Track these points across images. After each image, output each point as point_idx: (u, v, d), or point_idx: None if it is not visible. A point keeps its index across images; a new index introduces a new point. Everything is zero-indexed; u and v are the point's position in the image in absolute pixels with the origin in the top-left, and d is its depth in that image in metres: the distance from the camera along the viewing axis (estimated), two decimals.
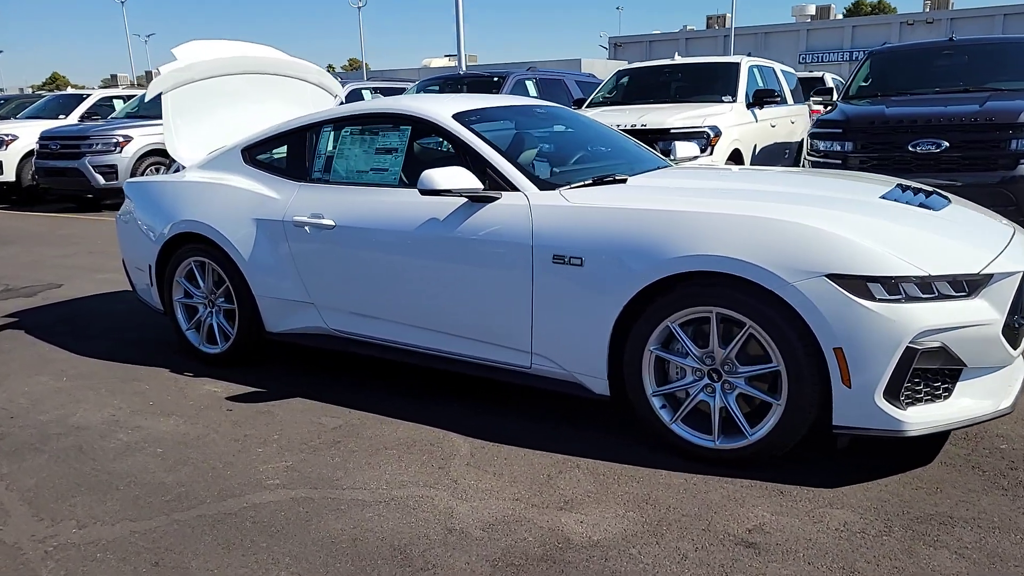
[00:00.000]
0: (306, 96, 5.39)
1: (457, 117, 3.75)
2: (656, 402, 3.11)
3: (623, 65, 11.68)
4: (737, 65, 9.04)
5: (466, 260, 3.43)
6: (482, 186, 3.40)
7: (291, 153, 4.21)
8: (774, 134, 9.16)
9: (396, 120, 3.87)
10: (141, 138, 11.63)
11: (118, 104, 14.36)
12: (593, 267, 3.13)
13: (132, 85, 56.11)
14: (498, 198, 3.41)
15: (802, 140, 9.43)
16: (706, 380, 3.02)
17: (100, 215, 11.43)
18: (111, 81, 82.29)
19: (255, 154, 4.37)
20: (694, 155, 5.23)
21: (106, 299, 6.17)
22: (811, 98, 8.79)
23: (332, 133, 4.07)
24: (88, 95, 14.85)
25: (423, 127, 3.80)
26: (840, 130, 6.59)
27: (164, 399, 4.01)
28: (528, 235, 3.27)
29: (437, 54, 76.97)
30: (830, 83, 13.65)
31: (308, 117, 4.20)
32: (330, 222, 3.84)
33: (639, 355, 3.08)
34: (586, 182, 3.53)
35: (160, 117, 4.90)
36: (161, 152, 11.34)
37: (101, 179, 11.44)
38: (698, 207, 3.03)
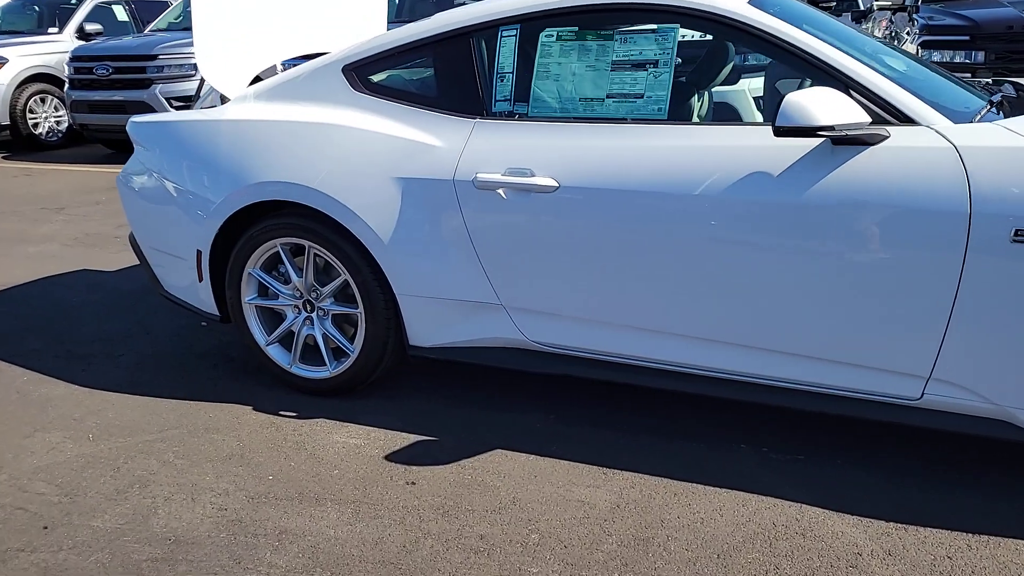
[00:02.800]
0: None
1: (757, 5, 2.40)
2: None
3: None
4: None
5: (823, 239, 2.16)
6: (868, 119, 2.11)
7: (446, 73, 2.73)
8: None
9: (651, 14, 2.46)
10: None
11: (118, 11, 10.65)
12: None
13: None
14: (886, 137, 2.14)
15: None
16: None
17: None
18: None
19: (371, 74, 2.85)
20: None
21: (60, 287, 4.44)
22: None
23: (520, 38, 2.62)
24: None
25: (702, 23, 2.42)
26: (967, 37, 5.57)
27: (286, 468, 2.56)
28: (961, 196, 2.03)
29: None
30: None
31: (472, 12, 2.71)
32: (548, 181, 2.45)
33: None
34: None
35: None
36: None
37: None
38: None
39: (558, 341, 2.64)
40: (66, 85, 8.79)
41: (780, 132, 2.08)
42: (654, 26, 2.43)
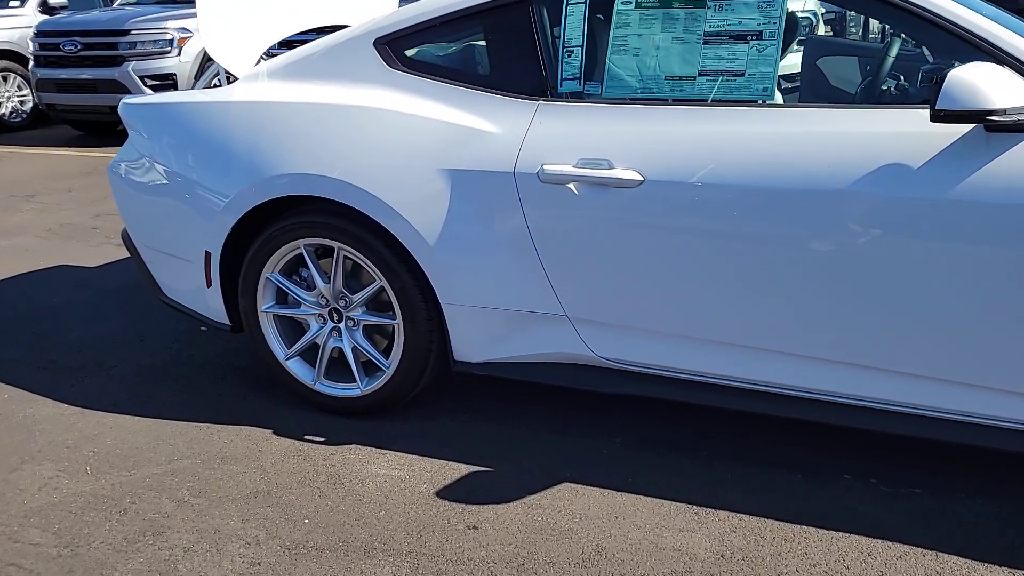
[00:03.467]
0: None
1: None
2: None
3: None
4: None
5: (979, 241, 1.84)
6: None
7: (500, 46, 2.35)
8: None
9: None
10: None
11: None
12: None
13: None
14: None
15: None
16: None
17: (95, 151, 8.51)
18: None
19: (408, 48, 2.47)
20: None
21: (38, 285, 4.01)
22: None
23: (590, 5, 2.25)
24: None
25: None
26: None
27: (323, 508, 2.20)
28: None
29: None
30: None
31: None
32: (630, 175, 2.09)
33: None
34: None
35: None
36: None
37: (151, 92, 7.67)
38: None
39: (634, 358, 2.30)
40: (31, 63, 8.20)
41: (941, 116, 1.75)
42: None
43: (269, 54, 3.07)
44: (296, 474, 2.37)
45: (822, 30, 4.34)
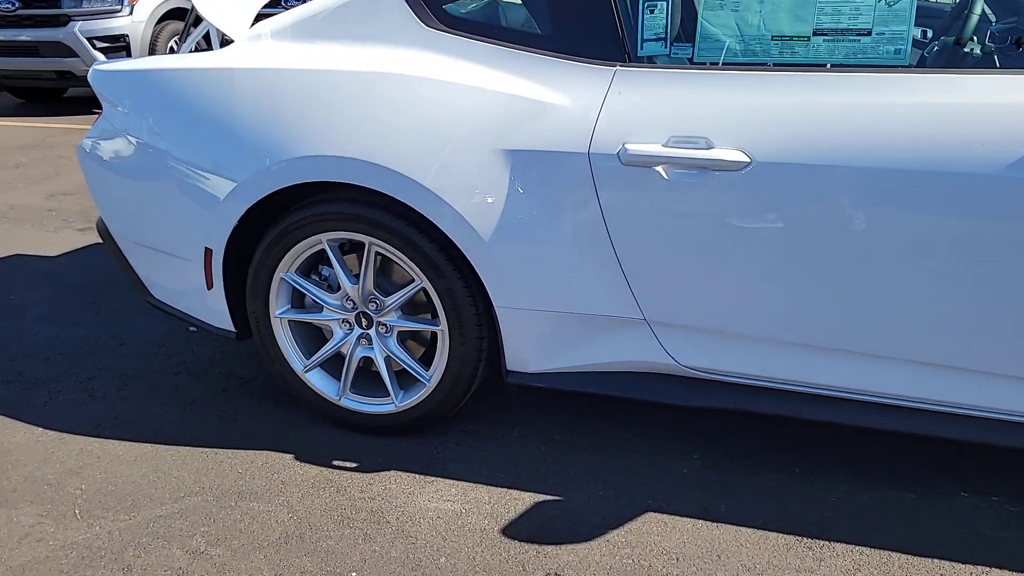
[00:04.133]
0: None
1: None
2: None
3: None
4: None
5: None
6: None
7: (563, 0, 1.97)
8: None
9: None
10: None
11: None
12: None
13: None
14: None
15: None
16: None
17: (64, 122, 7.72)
18: None
19: (445, 2, 2.07)
20: None
21: None
22: None
23: None
24: None
25: None
26: None
27: (370, 555, 1.85)
28: None
29: None
30: None
31: None
32: (735, 155, 1.75)
33: None
34: None
35: None
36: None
37: (102, 56, 6.89)
38: None
39: (727, 367, 1.98)
40: None
41: None
42: None
43: (262, 14, 2.64)
44: (331, 511, 2.01)
45: None
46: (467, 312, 2.08)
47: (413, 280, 2.12)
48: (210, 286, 2.30)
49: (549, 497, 2.04)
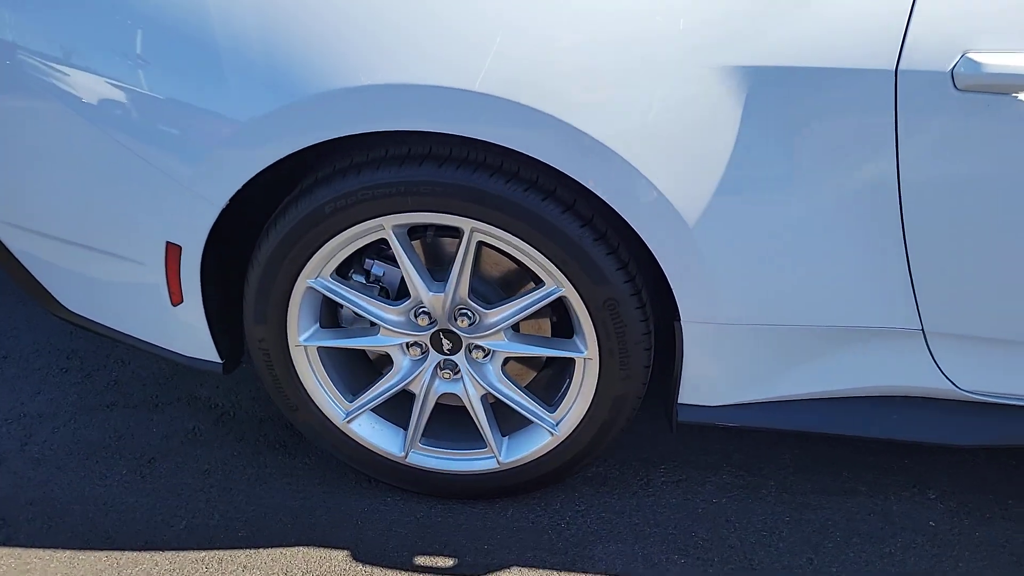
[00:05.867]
0: None
1: None
2: None
3: None
4: None
5: None
6: None
7: None
8: None
9: None
10: None
11: None
12: None
13: None
14: None
15: None
16: None
17: None
18: None
19: None
20: None
21: None
22: None
23: None
24: None
25: None
26: None
27: None
28: None
29: None
30: None
31: None
32: None
33: None
34: None
35: None
36: None
37: None
38: None
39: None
40: None
41: None
42: None
43: None
44: None
45: None
46: (635, 333, 1.30)
47: (539, 283, 1.31)
48: (177, 300, 1.39)
49: None
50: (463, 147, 1.21)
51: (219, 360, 1.48)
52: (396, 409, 1.50)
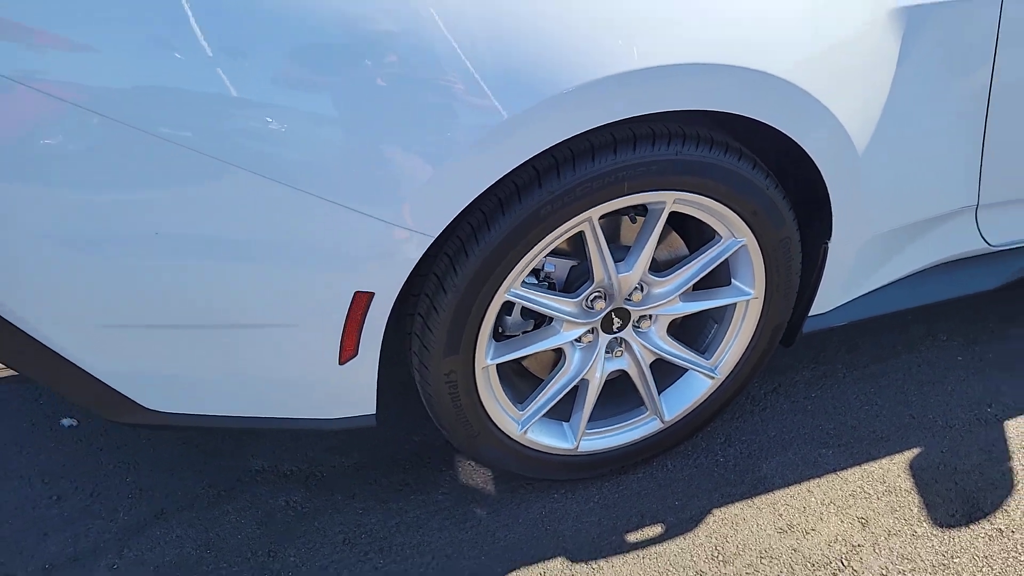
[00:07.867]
0: None
1: None
2: None
3: None
4: None
5: None
6: None
7: None
8: None
9: None
10: None
11: None
12: None
13: None
14: None
15: None
16: None
17: None
18: None
19: None
20: None
21: None
22: None
23: None
24: None
25: None
26: None
27: None
28: None
29: None
30: None
31: None
32: None
33: None
34: None
35: None
36: None
37: None
38: None
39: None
40: None
41: None
42: None
43: None
44: None
45: None
46: (797, 264, 1.41)
47: (709, 242, 1.35)
48: (348, 356, 1.20)
49: None
50: (660, 123, 1.20)
51: (373, 412, 1.31)
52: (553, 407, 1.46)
